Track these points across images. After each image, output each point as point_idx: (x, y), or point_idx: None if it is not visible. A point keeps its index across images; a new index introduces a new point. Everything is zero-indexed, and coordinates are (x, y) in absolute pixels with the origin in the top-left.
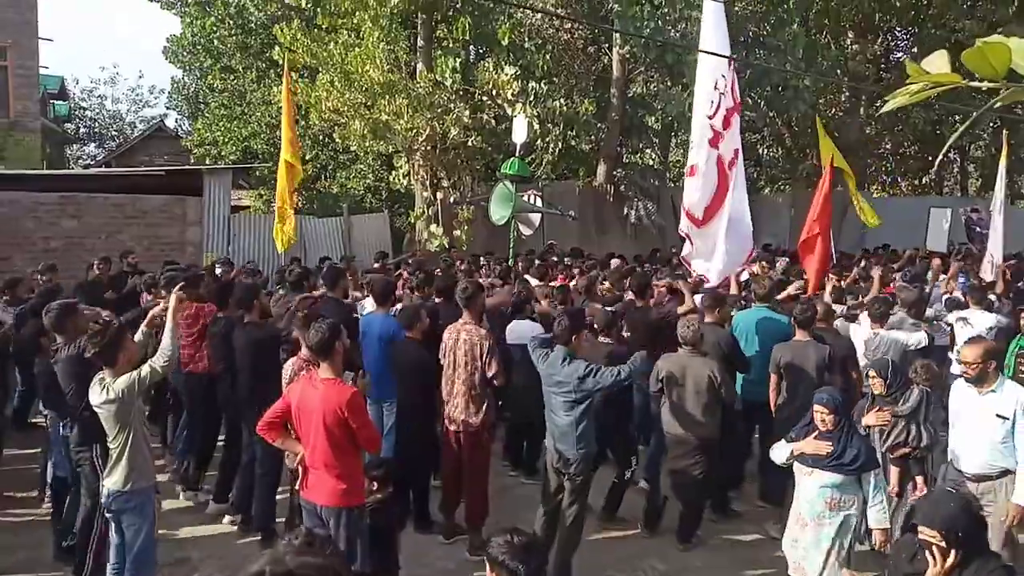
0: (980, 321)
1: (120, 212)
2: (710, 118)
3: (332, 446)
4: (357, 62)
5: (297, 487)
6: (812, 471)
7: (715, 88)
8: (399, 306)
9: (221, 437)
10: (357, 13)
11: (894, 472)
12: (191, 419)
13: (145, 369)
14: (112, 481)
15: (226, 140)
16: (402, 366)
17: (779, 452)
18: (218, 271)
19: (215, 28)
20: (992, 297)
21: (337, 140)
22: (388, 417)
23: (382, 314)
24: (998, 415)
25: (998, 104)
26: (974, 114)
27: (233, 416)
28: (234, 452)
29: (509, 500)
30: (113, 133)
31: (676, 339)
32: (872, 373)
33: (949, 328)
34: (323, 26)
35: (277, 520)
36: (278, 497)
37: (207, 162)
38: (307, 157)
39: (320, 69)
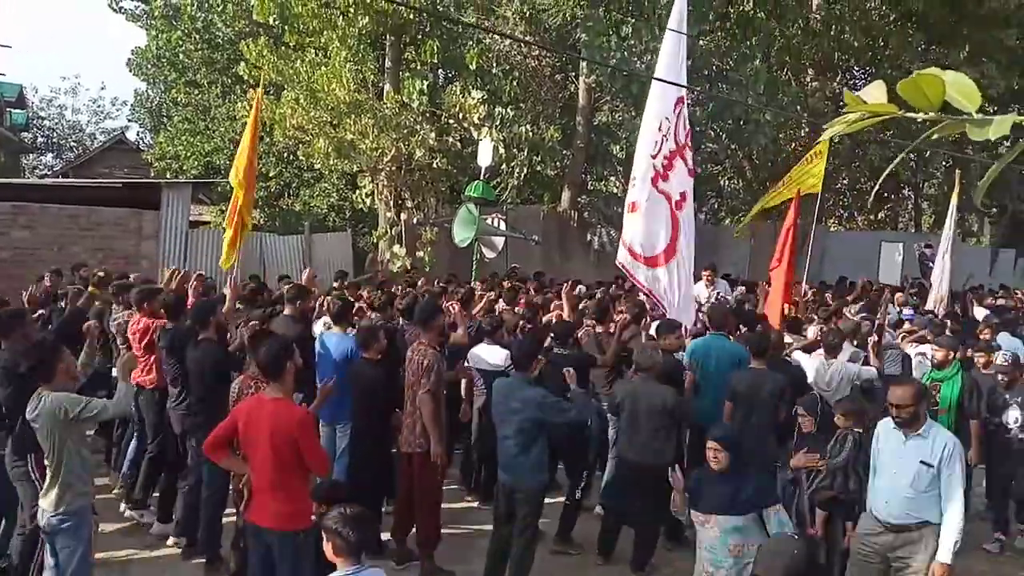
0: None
1: (74, 224)
2: (653, 157)
3: (279, 468)
4: (324, 80)
5: (242, 509)
6: (709, 518)
7: (659, 130)
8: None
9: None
10: (325, 32)
11: (820, 515)
12: (139, 434)
13: (97, 405)
14: (47, 501)
15: (188, 154)
16: (357, 387)
17: None
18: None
19: (181, 42)
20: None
21: (301, 158)
22: (341, 439)
23: (339, 334)
24: (923, 462)
25: (935, 136)
26: (907, 148)
27: (180, 434)
28: (180, 471)
29: (464, 525)
30: (72, 144)
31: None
32: (801, 411)
33: (901, 357)
34: (290, 44)
35: (222, 543)
36: (224, 520)
37: (168, 176)
38: (270, 174)
39: (286, 86)
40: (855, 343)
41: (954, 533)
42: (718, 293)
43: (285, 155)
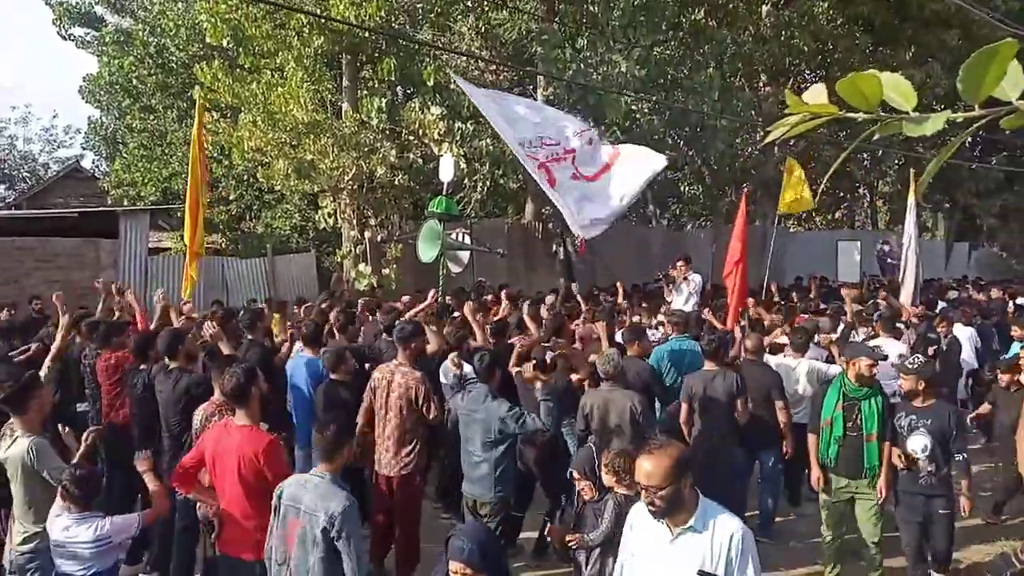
0: (891, 349)
1: (28, 256)
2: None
3: (248, 496)
4: (281, 102)
5: (213, 539)
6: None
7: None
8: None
9: None
10: (280, 53)
11: None
12: (109, 472)
13: (59, 473)
14: (14, 540)
15: (146, 181)
16: (328, 410)
17: None
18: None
19: (134, 67)
20: (901, 325)
21: (261, 180)
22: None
23: (307, 356)
24: (702, 573)
25: (876, 136)
26: (848, 148)
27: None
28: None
29: (440, 543)
30: (25, 174)
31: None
32: (575, 474)
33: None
34: (245, 66)
35: None
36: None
37: (125, 203)
38: (231, 197)
39: (242, 109)
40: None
41: None
42: (692, 288)
43: (245, 178)
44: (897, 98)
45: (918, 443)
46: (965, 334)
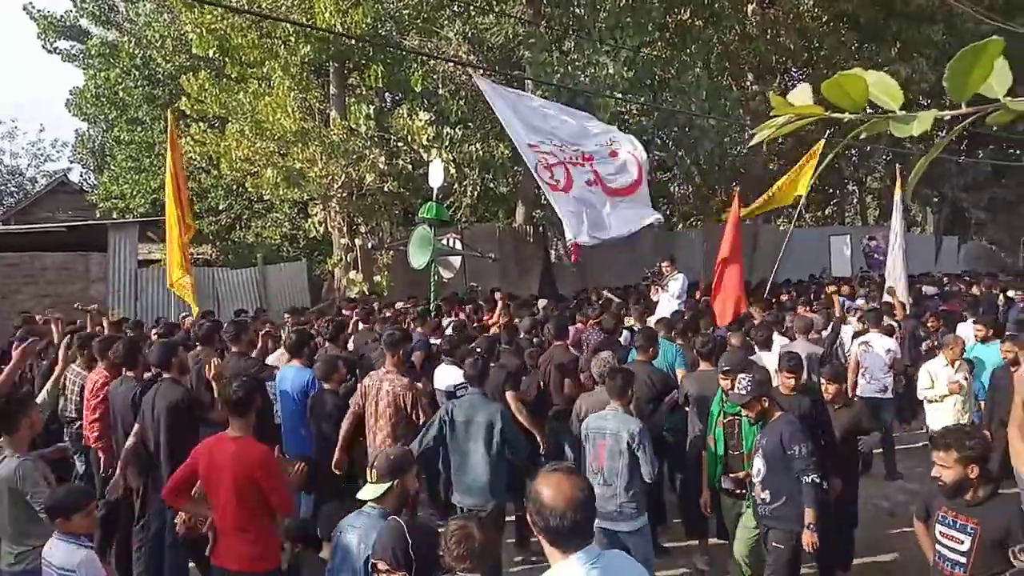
0: (879, 344)
1: (16, 272)
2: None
3: (243, 508)
4: (268, 111)
5: (208, 552)
6: None
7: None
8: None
9: None
10: (267, 62)
11: None
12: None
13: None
14: (4, 560)
15: (134, 193)
16: (319, 419)
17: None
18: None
19: (120, 80)
20: (892, 322)
21: (250, 189)
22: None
23: (297, 366)
24: None
25: (863, 135)
26: (839, 146)
27: (138, 486)
28: (132, 526)
29: None
30: (12, 189)
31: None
32: (380, 567)
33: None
34: (232, 76)
35: None
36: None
37: (114, 216)
38: (220, 207)
39: (230, 119)
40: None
41: None
42: (677, 289)
43: (234, 187)
44: (883, 97)
45: (754, 467)
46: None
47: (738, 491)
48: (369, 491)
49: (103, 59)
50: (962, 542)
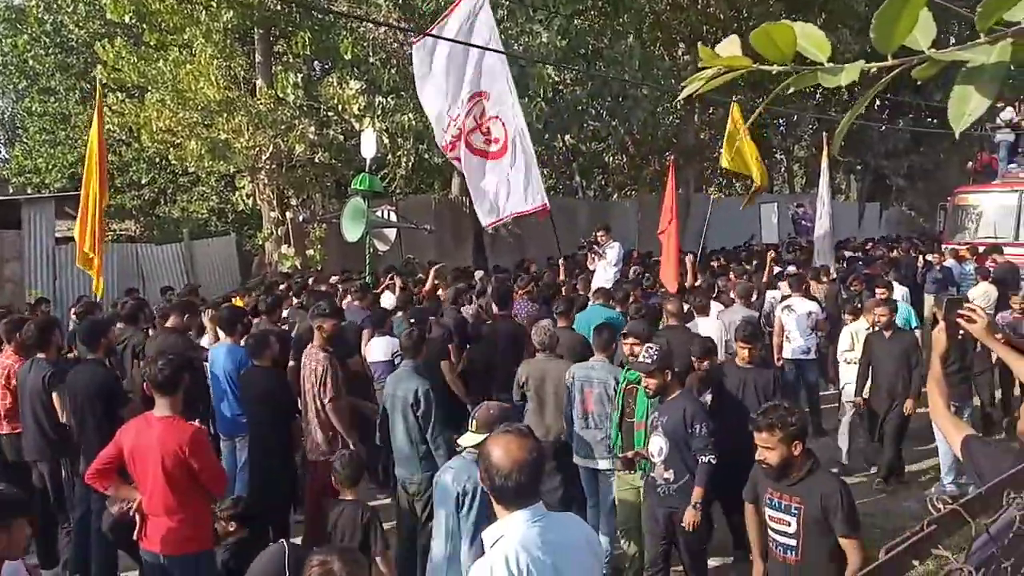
0: (802, 307)
1: None
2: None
3: (172, 489)
4: (190, 80)
5: (135, 536)
6: None
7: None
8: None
9: None
10: (188, 29)
11: None
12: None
13: None
14: None
15: (50, 167)
16: (251, 397)
17: None
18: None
19: (29, 47)
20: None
21: (174, 162)
22: (241, 452)
23: (228, 344)
24: None
25: (790, 90)
26: (761, 104)
27: (55, 469)
28: (55, 510)
29: None
30: None
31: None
32: None
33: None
34: (151, 43)
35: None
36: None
37: (28, 192)
38: (143, 181)
39: (149, 88)
40: (744, 303)
41: None
42: (613, 257)
43: (157, 160)
44: (811, 49)
45: (654, 445)
46: (898, 293)
47: (624, 468)
48: (468, 439)
49: (9, 24)
50: (789, 524)
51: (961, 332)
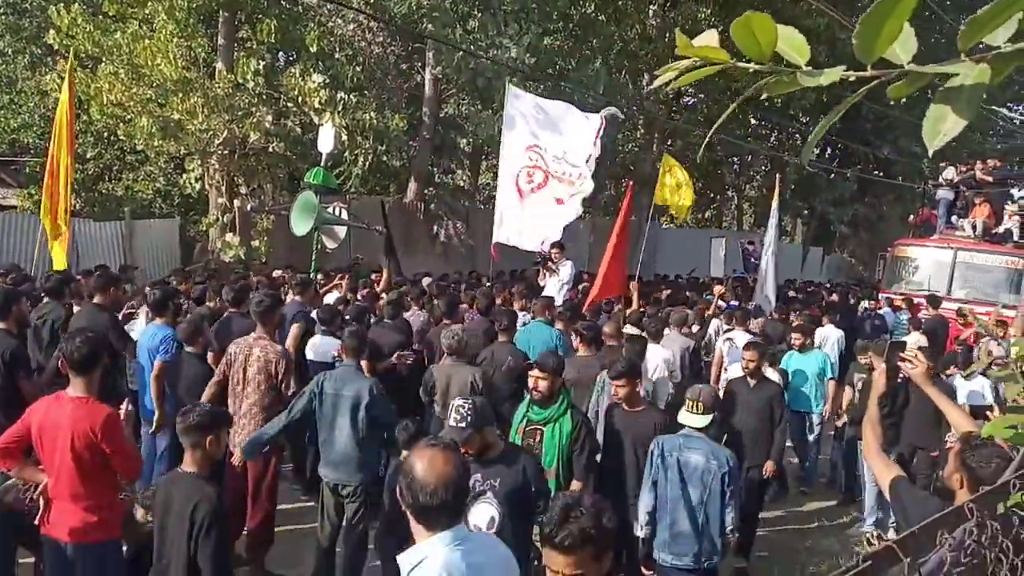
0: (741, 340)
1: None
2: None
3: (81, 474)
4: (147, 55)
5: (37, 522)
6: None
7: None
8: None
9: None
10: (150, 3)
11: None
12: None
13: None
14: None
15: None
16: (180, 382)
17: None
18: None
19: None
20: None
21: (123, 138)
22: (162, 439)
23: (158, 325)
24: None
25: (764, 95)
26: (726, 112)
27: None
28: None
29: (297, 523)
30: None
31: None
32: None
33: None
34: (110, 13)
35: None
36: None
37: None
38: (88, 155)
39: (103, 59)
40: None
41: None
42: (565, 275)
43: (105, 135)
44: (790, 51)
45: (482, 517)
46: (834, 336)
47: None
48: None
49: None
50: None
51: (901, 376)
